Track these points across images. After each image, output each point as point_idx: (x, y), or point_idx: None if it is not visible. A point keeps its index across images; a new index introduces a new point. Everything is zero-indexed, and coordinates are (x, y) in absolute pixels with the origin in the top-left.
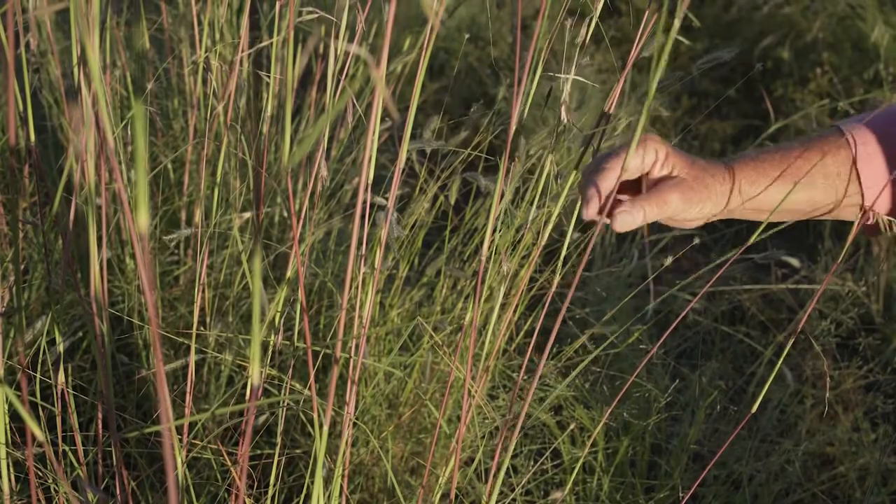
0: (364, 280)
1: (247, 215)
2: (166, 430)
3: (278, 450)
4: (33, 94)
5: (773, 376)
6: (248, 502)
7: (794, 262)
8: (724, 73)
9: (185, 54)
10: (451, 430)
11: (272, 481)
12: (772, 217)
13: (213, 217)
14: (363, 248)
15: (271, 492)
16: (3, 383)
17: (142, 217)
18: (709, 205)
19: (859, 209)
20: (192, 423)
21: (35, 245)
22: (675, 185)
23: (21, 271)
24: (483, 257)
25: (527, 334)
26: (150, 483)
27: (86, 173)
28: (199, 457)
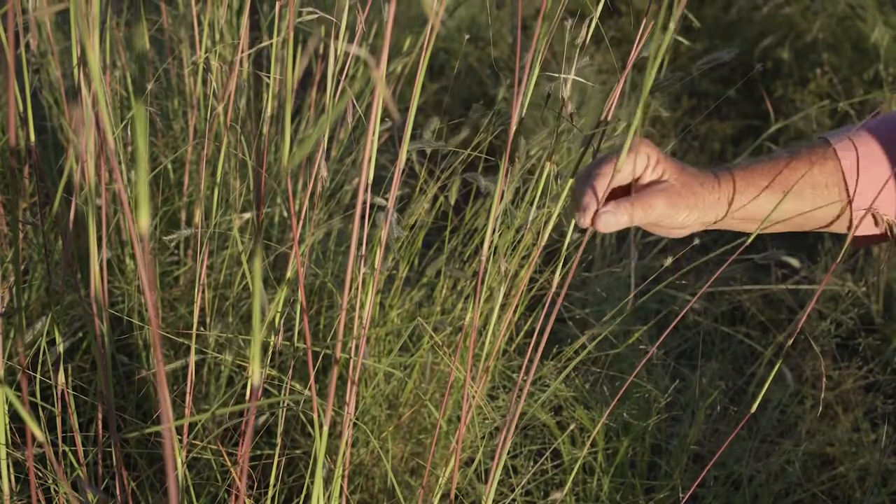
0: (364, 280)
1: (247, 216)
2: (167, 430)
3: (278, 450)
4: (33, 94)
5: (773, 377)
6: (248, 503)
7: (794, 262)
8: (724, 73)
9: (185, 55)
10: (451, 431)
11: (272, 482)
12: (760, 228)
13: (213, 217)
14: (363, 249)
15: (271, 492)
16: (4, 384)
17: (142, 217)
18: (696, 213)
19: (849, 221)
20: (192, 424)
21: (35, 245)
22: (662, 191)
23: (21, 272)
24: (483, 258)
25: (527, 335)
26: (150, 483)
27: (86, 174)
28: (199, 457)
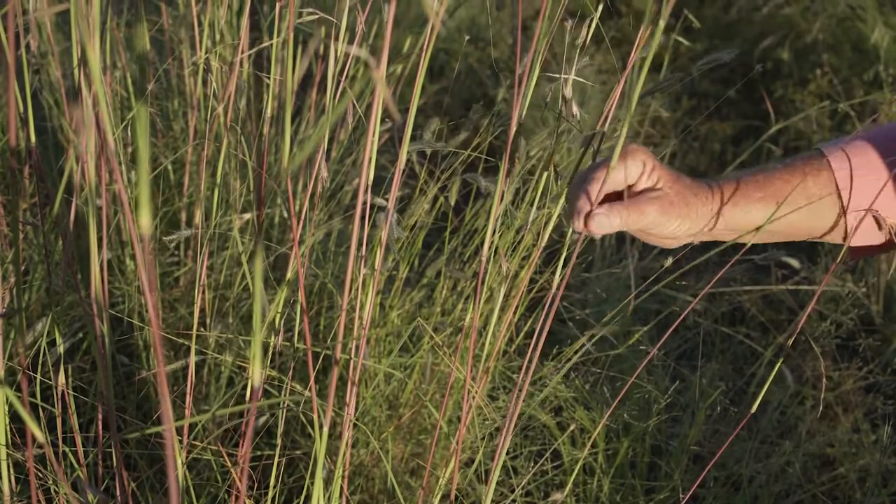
0: (364, 281)
1: (247, 216)
2: (167, 430)
3: (278, 451)
4: (34, 95)
5: (773, 377)
6: (249, 503)
7: (794, 262)
8: (724, 73)
9: (186, 55)
10: (451, 432)
11: (272, 482)
12: (755, 238)
13: (214, 218)
14: (363, 250)
15: (271, 493)
16: (4, 384)
17: (144, 218)
18: (687, 222)
19: (844, 231)
20: (192, 424)
21: (35, 246)
22: (655, 198)
23: (21, 272)
24: (483, 258)
25: (527, 335)
26: (151, 484)
27: (86, 174)
28: (200, 458)
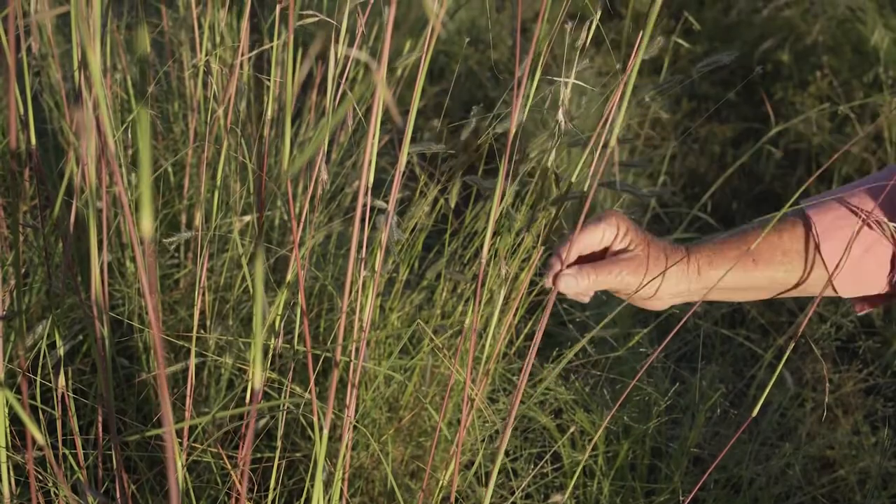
0: (364, 283)
1: (247, 219)
2: (167, 433)
3: (278, 453)
4: (34, 97)
5: (774, 380)
6: None
7: None
8: (724, 76)
9: (186, 58)
10: (452, 434)
11: (272, 485)
12: (735, 297)
13: (214, 220)
14: (363, 252)
15: (271, 495)
16: (4, 387)
17: (145, 220)
18: (664, 284)
19: (827, 278)
20: (192, 427)
21: (36, 248)
22: (626, 259)
23: (21, 275)
24: (483, 260)
25: (527, 338)
26: (151, 486)
27: (86, 176)
28: (200, 460)
